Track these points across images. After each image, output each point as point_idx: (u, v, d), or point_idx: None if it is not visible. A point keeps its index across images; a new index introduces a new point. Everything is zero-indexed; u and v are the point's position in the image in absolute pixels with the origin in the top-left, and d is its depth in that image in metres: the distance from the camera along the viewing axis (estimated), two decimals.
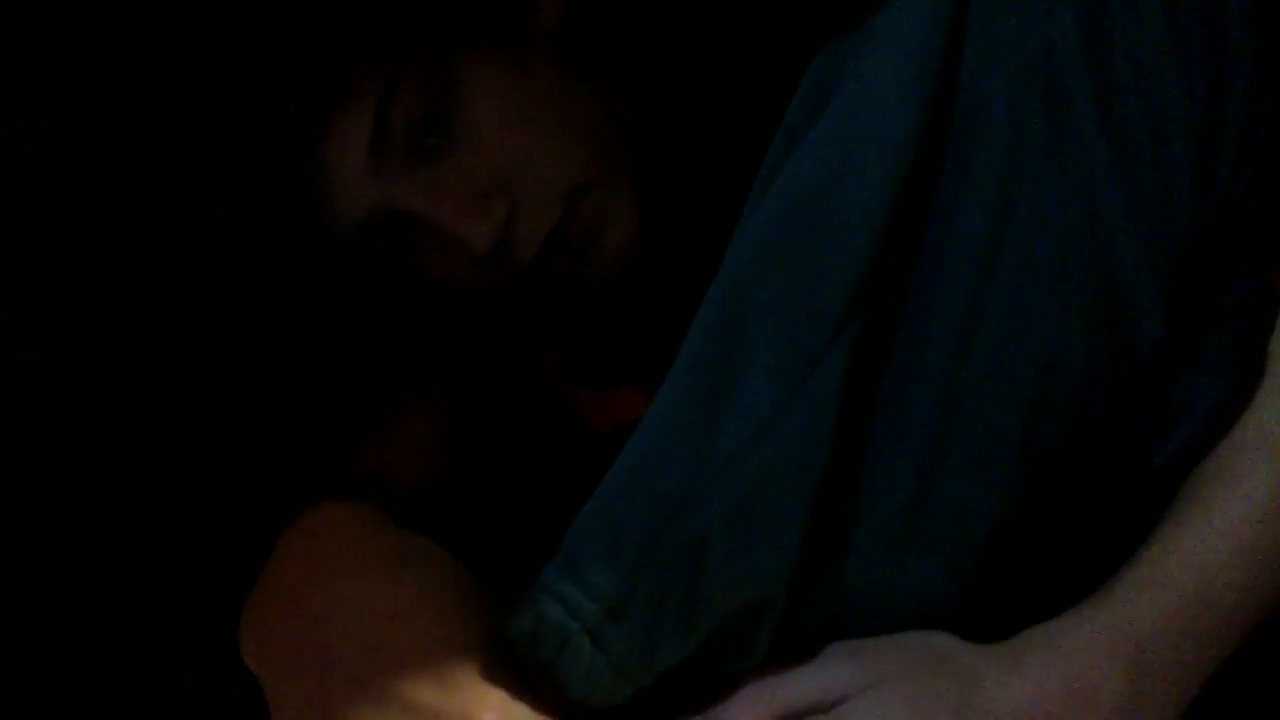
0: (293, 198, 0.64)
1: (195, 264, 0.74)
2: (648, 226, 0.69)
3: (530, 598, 0.53)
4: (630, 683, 0.53)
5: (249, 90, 0.63)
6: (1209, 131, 0.55)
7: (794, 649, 0.55)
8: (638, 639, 0.52)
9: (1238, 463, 0.56)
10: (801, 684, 0.55)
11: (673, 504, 0.52)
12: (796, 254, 0.53)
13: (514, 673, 0.54)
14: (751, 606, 0.53)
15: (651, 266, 0.70)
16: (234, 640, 0.61)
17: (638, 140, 0.69)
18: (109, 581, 0.70)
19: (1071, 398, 0.54)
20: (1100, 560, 0.56)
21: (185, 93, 0.63)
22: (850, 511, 0.54)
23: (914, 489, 0.54)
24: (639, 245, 0.69)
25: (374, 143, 0.64)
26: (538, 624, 0.52)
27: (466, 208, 0.65)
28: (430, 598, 0.55)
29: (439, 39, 0.65)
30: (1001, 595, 0.55)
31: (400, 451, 0.70)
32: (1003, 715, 0.53)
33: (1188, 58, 0.55)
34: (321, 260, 0.68)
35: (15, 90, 0.66)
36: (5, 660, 0.67)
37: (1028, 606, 0.56)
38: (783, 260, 0.53)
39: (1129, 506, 0.57)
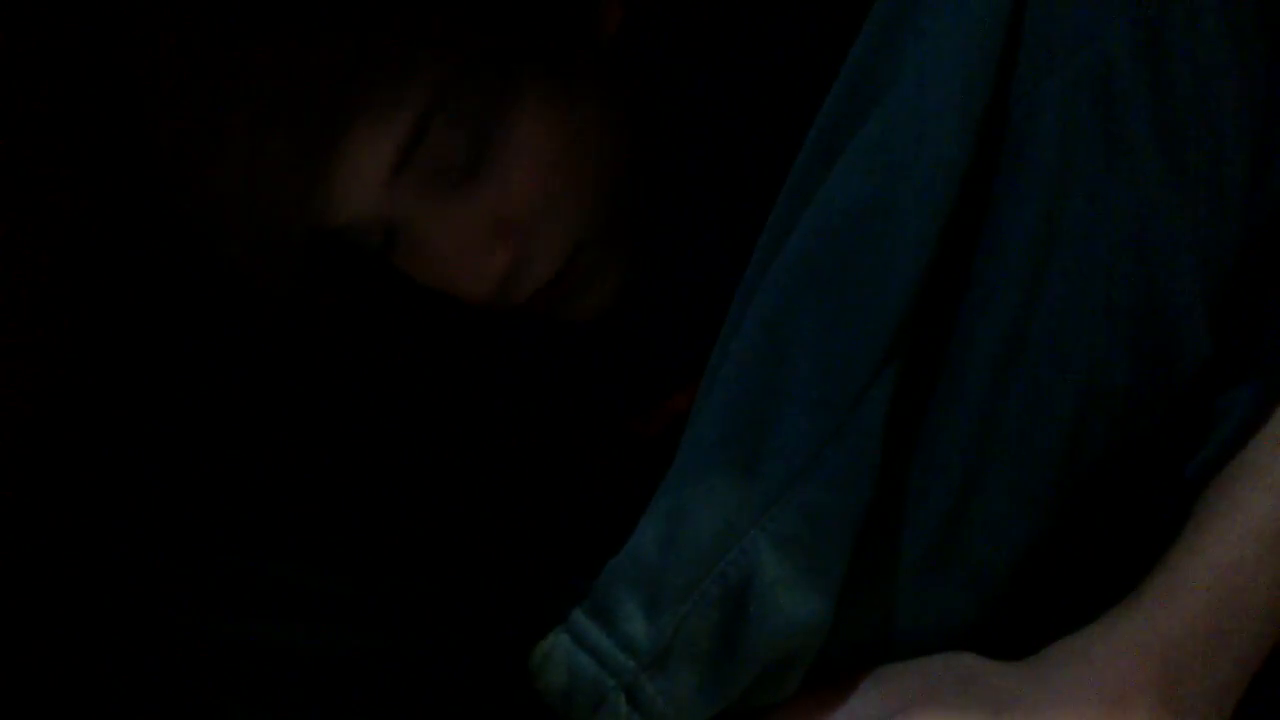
0: (295, 172, 0.59)
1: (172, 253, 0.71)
2: (639, 263, 0.67)
3: (562, 651, 0.51)
4: None
5: (294, 38, 0.57)
6: (1262, 135, 0.53)
7: (821, 677, 0.54)
8: (675, 694, 0.50)
9: (1264, 461, 0.55)
10: (831, 717, 0.54)
11: (712, 550, 0.50)
12: (841, 280, 0.50)
13: None
14: (791, 653, 0.51)
15: (642, 294, 0.68)
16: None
17: (650, 172, 0.66)
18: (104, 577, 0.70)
19: (1113, 422, 0.53)
20: (1128, 570, 0.55)
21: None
22: (885, 540, 0.52)
23: (949, 516, 0.52)
24: (625, 289, 0.67)
25: (403, 151, 0.59)
26: (572, 681, 0.50)
27: (474, 247, 0.62)
28: None
29: (499, 52, 0.60)
30: (1029, 612, 0.54)
31: None
32: None
33: (1244, 61, 0.52)
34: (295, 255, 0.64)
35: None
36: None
37: (1054, 620, 0.55)
38: (826, 286, 0.51)
39: (1160, 516, 0.56)
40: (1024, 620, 0.55)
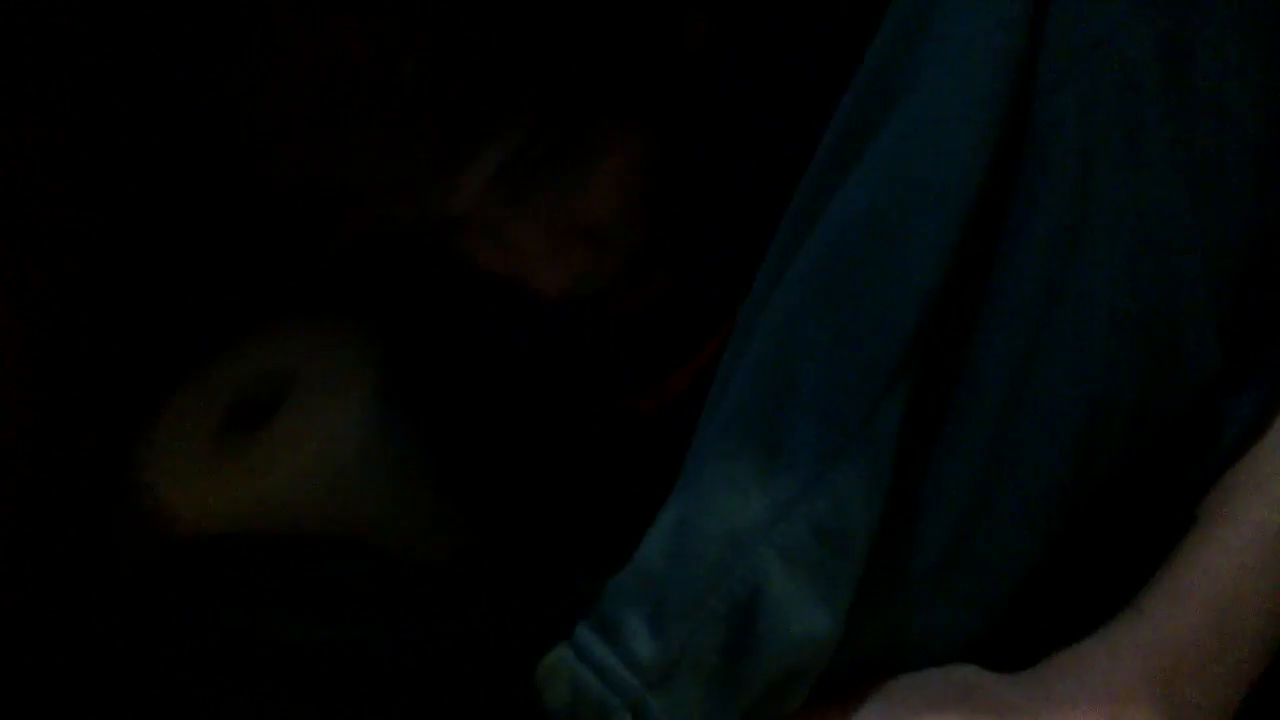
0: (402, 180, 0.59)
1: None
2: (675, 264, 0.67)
3: (566, 667, 0.50)
4: None
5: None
6: (1272, 141, 0.53)
7: (824, 690, 0.53)
8: (681, 711, 0.49)
9: (1266, 468, 0.55)
10: None
11: (719, 564, 0.49)
12: (855, 291, 0.49)
13: None
14: (797, 669, 0.50)
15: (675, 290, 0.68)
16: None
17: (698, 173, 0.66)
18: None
19: (1123, 434, 0.52)
20: (1135, 580, 0.55)
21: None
22: (894, 554, 0.51)
23: (959, 529, 0.52)
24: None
25: (500, 169, 0.60)
26: (576, 698, 0.50)
27: (558, 247, 0.63)
28: None
29: (596, 79, 0.61)
30: (1036, 624, 0.54)
31: None
32: None
33: (1255, 65, 0.52)
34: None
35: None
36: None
37: (1060, 631, 0.54)
38: (838, 297, 0.50)
39: (1162, 524, 0.55)
40: (1030, 631, 0.54)
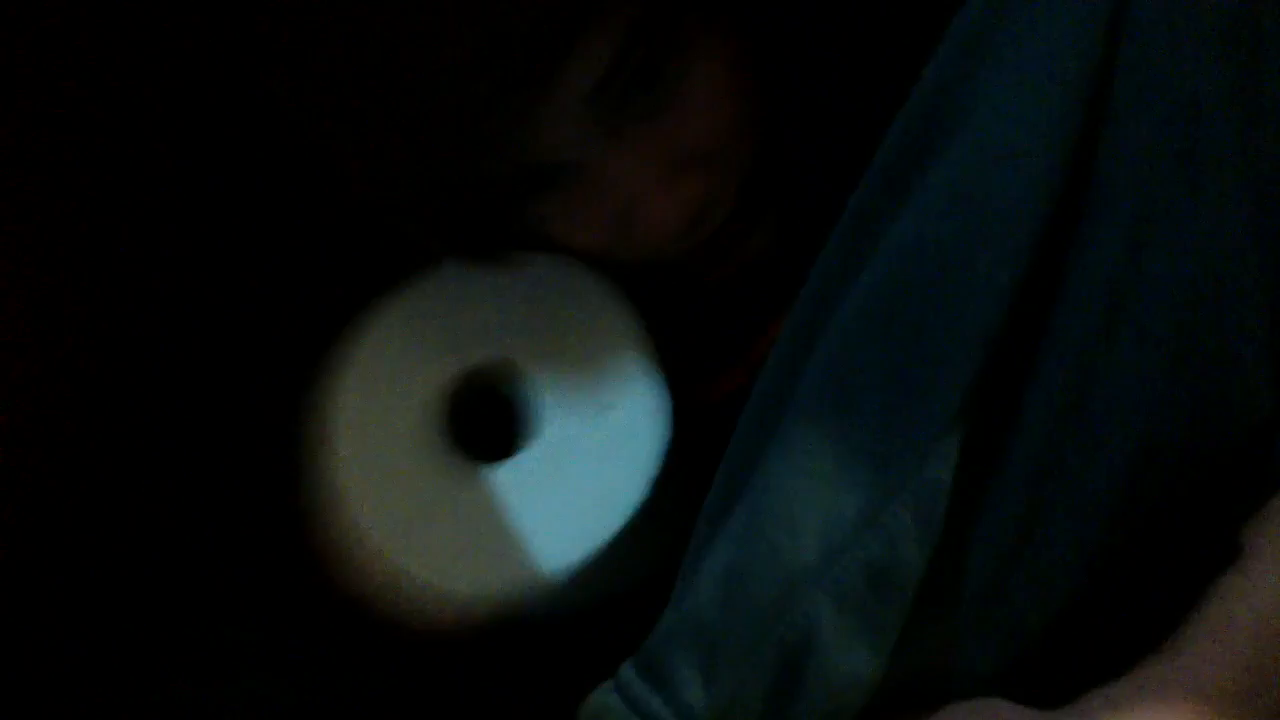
0: (493, 123, 0.56)
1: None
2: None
3: (613, 714, 0.50)
4: None
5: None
6: None
7: None
8: None
9: None
10: None
11: (772, 610, 0.48)
12: (910, 330, 0.49)
13: None
14: (839, 710, 0.50)
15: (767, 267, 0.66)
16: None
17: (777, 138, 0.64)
18: (110, 584, 0.69)
19: (1169, 477, 0.51)
20: (1168, 611, 0.53)
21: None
22: (934, 591, 0.50)
23: (999, 568, 0.51)
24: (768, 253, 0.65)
25: (598, 88, 0.56)
26: None
27: (670, 177, 0.59)
28: None
29: None
30: (1071, 662, 0.53)
31: None
32: None
33: None
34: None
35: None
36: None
37: (1097, 670, 0.53)
38: (894, 336, 0.49)
39: (1206, 558, 0.54)
40: (1067, 667, 0.53)
